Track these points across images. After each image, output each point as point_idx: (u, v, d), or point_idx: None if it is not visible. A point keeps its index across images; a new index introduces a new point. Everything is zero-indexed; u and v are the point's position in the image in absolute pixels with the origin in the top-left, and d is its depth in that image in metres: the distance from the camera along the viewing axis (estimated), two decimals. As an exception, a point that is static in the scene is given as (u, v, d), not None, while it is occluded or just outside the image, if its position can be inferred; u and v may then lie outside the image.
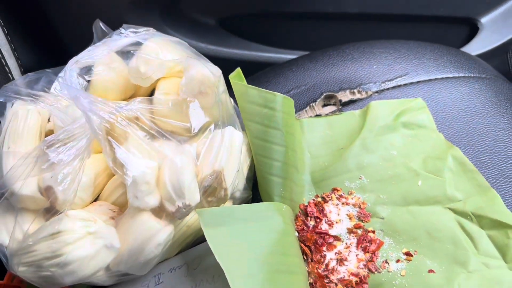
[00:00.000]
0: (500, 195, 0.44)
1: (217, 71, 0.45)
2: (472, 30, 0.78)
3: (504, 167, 0.47)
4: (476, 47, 0.76)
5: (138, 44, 0.44)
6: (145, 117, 0.38)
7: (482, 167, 0.47)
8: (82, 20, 0.59)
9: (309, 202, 0.49)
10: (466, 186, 0.46)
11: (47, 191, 0.38)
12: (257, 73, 0.63)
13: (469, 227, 0.43)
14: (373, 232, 0.45)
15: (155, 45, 0.44)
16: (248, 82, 0.62)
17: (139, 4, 0.61)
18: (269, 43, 0.74)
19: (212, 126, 0.42)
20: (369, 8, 0.72)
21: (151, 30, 0.47)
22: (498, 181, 0.46)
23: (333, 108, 0.55)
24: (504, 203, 0.44)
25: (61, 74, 0.39)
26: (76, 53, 0.47)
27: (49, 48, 0.63)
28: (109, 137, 0.35)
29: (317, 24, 0.74)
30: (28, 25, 0.60)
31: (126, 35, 0.45)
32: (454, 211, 0.45)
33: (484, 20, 0.76)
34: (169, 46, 0.46)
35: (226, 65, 0.71)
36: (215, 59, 0.71)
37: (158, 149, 0.38)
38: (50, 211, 0.39)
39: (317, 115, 0.55)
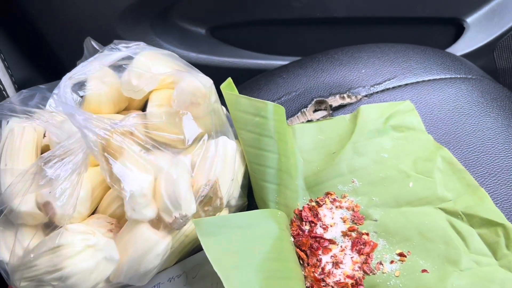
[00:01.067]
0: (488, 193, 0.46)
1: (207, 81, 0.46)
2: (458, 30, 0.79)
3: (492, 166, 0.48)
4: (463, 46, 0.78)
5: (129, 58, 0.45)
6: (140, 131, 0.39)
7: (470, 166, 0.48)
8: (74, 34, 0.60)
9: (303, 207, 0.50)
10: (455, 186, 0.47)
11: (45, 206, 0.39)
12: (248, 80, 0.64)
13: (460, 226, 0.44)
14: (367, 234, 0.46)
15: (146, 59, 0.45)
16: (240, 90, 0.63)
17: (129, 16, 0.62)
18: (259, 49, 0.75)
19: (206, 137, 0.42)
20: (356, 12, 0.73)
21: (142, 44, 0.47)
22: (486, 179, 0.47)
23: (324, 113, 0.56)
24: (493, 201, 0.45)
25: (55, 91, 0.39)
26: (69, 67, 0.48)
27: (43, 63, 0.64)
28: (105, 153, 0.36)
29: (306, 29, 0.75)
30: (21, 42, 0.61)
31: (117, 50, 0.46)
32: (445, 211, 0.46)
33: (469, 20, 0.77)
34: (160, 59, 0.47)
35: (218, 74, 0.72)
36: (206, 68, 0.72)
37: (153, 162, 0.38)
38: (50, 226, 0.40)
39: (308, 121, 0.56)
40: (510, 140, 0.50)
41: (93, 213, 0.45)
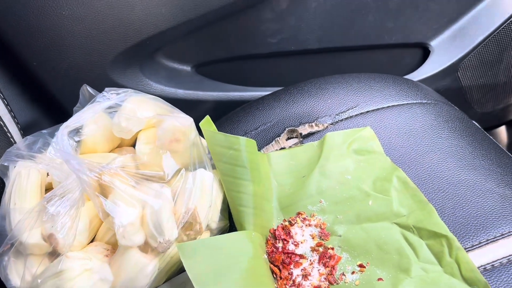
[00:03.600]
0: (437, 207, 0.52)
1: (187, 121, 0.53)
2: (424, 53, 0.86)
3: (442, 182, 0.54)
4: (429, 68, 0.84)
5: (118, 105, 0.52)
6: (126, 171, 0.45)
7: (422, 183, 0.54)
8: (72, 80, 0.68)
9: (277, 226, 0.56)
10: (408, 202, 0.53)
11: (49, 238, 0.46)
12: (230, 112, 0.71)
13: (411, 238, 0.50)
14: (332, 249, 0.53)
15: (132, 105, 0.52)
16: (223, 121, 0.70)
17: (119, 62, 0.69)
18: (241, 82, 0.82)
19: (183, 171, 0.49)
20: (328, 43, 0.80)
21: (130, 91, 0.55)
22: (436, 195, 0.53)
23: (295, 140, 0.63)
24: (441, 214, 0.51)
25: (54, 140, 0.46)
26: (69, 109, 0.55)
27: (45, 107, 0.72)
28: (96, 193, 0.43)
29: (282, 62, 0.82)
30: (25, 89, 0.68)
31: (108, 98, 0.53)
32: (399, 225, 0.52)
33: (433, 43, 0.84)
34: (145, 104, 0.54)
35: (204, 107, 0.80)
36: (193, 102, 0.80)
37: (138, 197, 0.45)
38: (54, 254, 0.47)
39: (282, 148, 0.63)
40: (458, 159, 0.56)
41: (92, 241, 0.52)
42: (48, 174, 0.54)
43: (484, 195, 0.52)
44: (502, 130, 0.99)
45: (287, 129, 0.64)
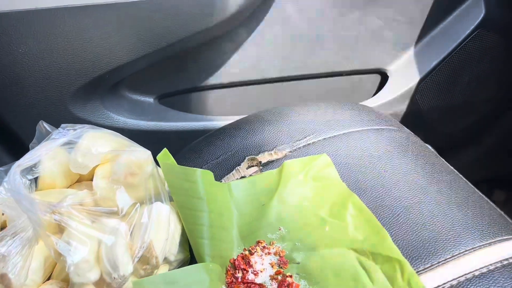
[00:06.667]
0: (391, 232, 0.53)
1: (143, 154, 0.53)
2: (383, 78, 0.89)
3: (395, 207, 0.55)
4: (388, 93, 0.87)
5: (73, 142, 0.53)
6: (78, 208, 0.46)
7: (376, 209, 0.56)
8: (31, 115, 0.68)
9: (237, 256, 0.56)
10: (364, 228, 0.54)
11: (2, 278, 0.46)
12: (193, 142, 0.72)
13: (367, 263, 0.51)
14: (291, 276, 0.53)
15: (88, 142, 0.53)
16: (185, 152, 0.71)
17: (79, 97, 0.70)
18: (204, 112, 0.84)
19: (138, 205, 0.50)
20: (288, 72, 0.82)
21: (87, 126, 0.55)
22: (390, 220, 0.54)
23: (255, 169, 0.64)
24: (395, 239, 0.52)
25: (6, 179, 0.46)
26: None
27: (5, 143, 0.71)
28: (48, 232, 0.43)
29: (244, 91, 0.84)
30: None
31: (64, 134, 0.54)
32: (355, 250, 0.53)
33: (391, 69, 0.87)
34: (101, 139, 0.54)
35: (167, 137, 0.80)
36: (156, 133, 0.81)
37: (91, 234, 0.45)
38: (7, 294, 0.46)
39: (242, 177, 0.64)
40: (411, 183, 0.57)
41: (49, 278, 0.51)
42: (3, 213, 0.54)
43: (436, 217, 0.53)
44: (465, 150, 1.02)
45: (247, 157, 0.65)
